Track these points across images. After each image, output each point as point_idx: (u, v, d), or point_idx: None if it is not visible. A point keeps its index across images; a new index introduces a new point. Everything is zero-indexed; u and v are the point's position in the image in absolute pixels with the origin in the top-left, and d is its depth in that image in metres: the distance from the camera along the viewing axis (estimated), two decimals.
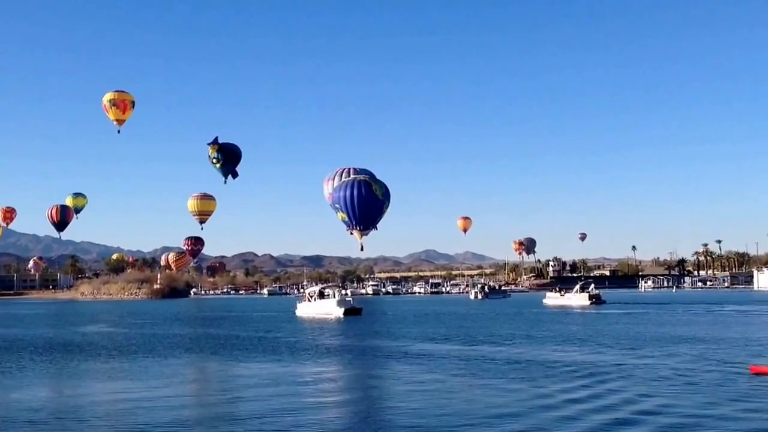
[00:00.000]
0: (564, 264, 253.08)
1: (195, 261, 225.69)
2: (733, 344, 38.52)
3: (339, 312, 74.10)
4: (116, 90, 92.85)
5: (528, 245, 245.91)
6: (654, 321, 61.00)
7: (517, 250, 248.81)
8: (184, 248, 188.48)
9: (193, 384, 29.30)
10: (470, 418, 19.29)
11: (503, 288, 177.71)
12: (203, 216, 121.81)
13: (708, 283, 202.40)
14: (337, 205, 77.87)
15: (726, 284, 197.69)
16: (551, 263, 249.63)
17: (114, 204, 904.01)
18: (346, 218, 77.31)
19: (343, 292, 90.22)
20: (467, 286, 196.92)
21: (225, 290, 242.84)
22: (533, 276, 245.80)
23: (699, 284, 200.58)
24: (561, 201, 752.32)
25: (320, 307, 78.35)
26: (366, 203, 76.73)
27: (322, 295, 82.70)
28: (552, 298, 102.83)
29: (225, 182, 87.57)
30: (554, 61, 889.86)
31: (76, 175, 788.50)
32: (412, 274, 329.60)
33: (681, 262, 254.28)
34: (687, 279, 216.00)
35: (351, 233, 78.99)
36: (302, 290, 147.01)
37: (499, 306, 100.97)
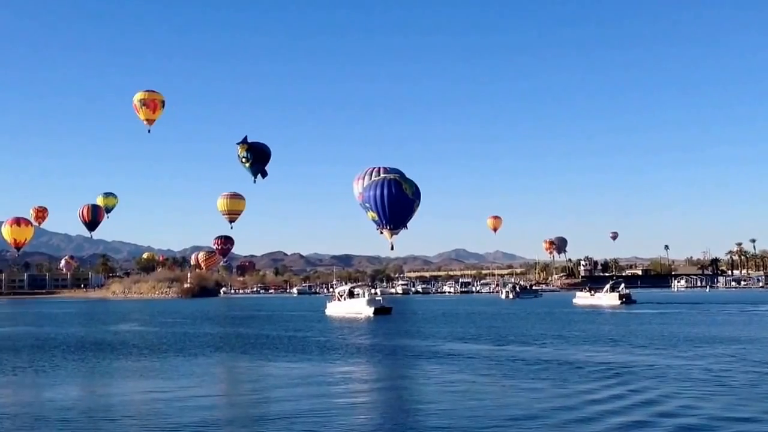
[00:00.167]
0: (595, 263, 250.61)
1: (225, 260, 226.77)
2: None
3: (369, 311, 74.05)
4: (146, 90, 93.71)
5: (559, 244, 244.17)
6: (687, 321, 60.27)
7: (548, 250, 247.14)
8: (214, 247, 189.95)
9: (223, 383, 29.40)
10: (501, 420, 19.10)
11: (534, 287, 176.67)
12: (233, 215, 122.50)
13: (742, 283, 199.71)
14: (367, 204, 77.75)
15: (760, 284, 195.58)
16: (582, 262, 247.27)
17: (144, 203, 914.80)
18: (376, 217, 77.16)
19: (373, 292, 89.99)
20: (497, 286, 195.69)
21: (254, 289, 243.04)
22: (564, 275, 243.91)
23: (733, 284, 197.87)
24: (592, 200, 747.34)
25: (350, 307, 78.41)
26: (396, 202, 76.56)
27: (352, 295, 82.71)
28: (582, 298, 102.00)
29: (254, 181, 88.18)
30: (589, 60, 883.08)
31: (107, 175, 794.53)
32: (442, 274, 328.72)
33: (714, 262, 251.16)
34: (721, 279, 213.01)
35: (381, 232, 78.83)
36: (332, 289, 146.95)
37: (530, 305, 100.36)
